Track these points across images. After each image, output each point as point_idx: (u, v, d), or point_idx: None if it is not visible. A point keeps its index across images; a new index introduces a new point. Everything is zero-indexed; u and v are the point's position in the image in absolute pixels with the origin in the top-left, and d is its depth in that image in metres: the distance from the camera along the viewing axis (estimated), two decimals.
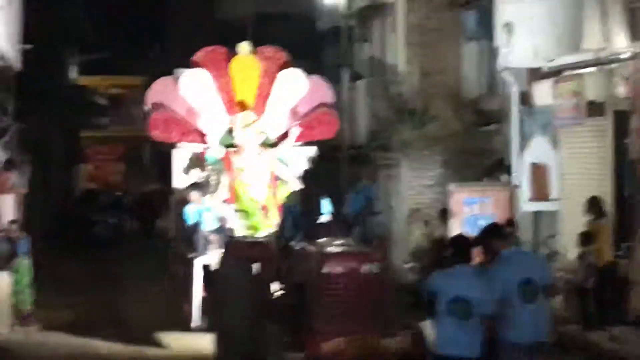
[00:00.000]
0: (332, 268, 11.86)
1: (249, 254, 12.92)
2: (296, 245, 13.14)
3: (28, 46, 19.71)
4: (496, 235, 9.09)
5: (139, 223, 36.01)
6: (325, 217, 16.78)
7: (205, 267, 15.04)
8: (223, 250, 13.79)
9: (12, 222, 16.94)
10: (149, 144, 40.16)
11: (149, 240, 31.32)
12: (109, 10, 41.96)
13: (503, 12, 17.37)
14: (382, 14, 25.49)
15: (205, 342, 13.43)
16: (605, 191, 16.10)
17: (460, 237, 9.23)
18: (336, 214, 17.60)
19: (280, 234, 13.46)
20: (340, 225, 14.01)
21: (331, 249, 12.33)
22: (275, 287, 12.95)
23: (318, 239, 13.12)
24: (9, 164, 19.19)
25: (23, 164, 21.44)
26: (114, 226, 33.27)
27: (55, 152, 33.40)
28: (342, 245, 12.60)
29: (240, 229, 13.82)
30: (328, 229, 13.68)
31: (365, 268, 11.92)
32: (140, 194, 39.09)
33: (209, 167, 15.91)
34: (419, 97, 23.35)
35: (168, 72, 16.68)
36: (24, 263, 16.48)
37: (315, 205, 13.36)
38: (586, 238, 14.90)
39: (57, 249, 27.14)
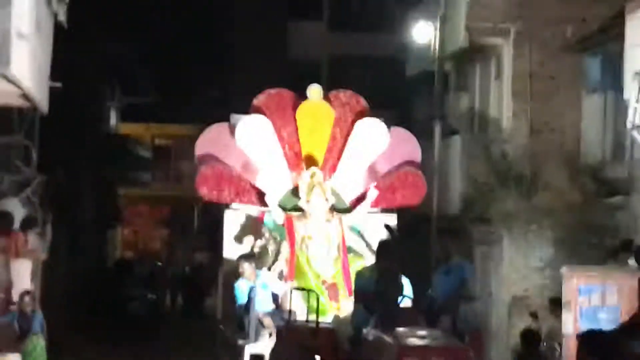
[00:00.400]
0: None
1: (309, 344, 12.18)
2: (368, 334, 11.78)
3: (57, 84, 19.37)
4: None
5: (183, 300, 35.59)
6: (406, 301, 15.97)
7: (255, 358, 14.05)
8: (277, 338, 13.20)
9: (26, 293, 16.55)
10: (199, 206, 39.96)
11: (194, 321, 30.87)
12: (157, 46, 41.83)
13: (633, 59, 16.70)
14: (485, 58, 25.03)
15: None
16: None
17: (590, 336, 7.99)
18: (420, 298, 16.78)
19: (351, 320, 12.61)
20: (424, 312, 12.80)
21: (411, 341, 11.13)
22: None
23: (396, 327, 11.81)
24: (28, 223, 18.87)
25: (45, 224, 21.19)
26: (152, 303, 32.89)
27: (87, 212, 33.22)
28: (425, 337, 11.35)
29: (301, 312, 13.18)
30: (409, 316, 12.31)
31: None
32: (186, 265, 38.77)
33: (267, 235, 15.47)
34: (527, 160, 22.76)
35: (225, 120, 16.33)
36: (38, 343, 16.10)
37: (394, 286, 12.38)
38: None
39: (82, 329, 26.78)
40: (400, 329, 11.32)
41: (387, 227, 12.30)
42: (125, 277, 33.90)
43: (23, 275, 17.55)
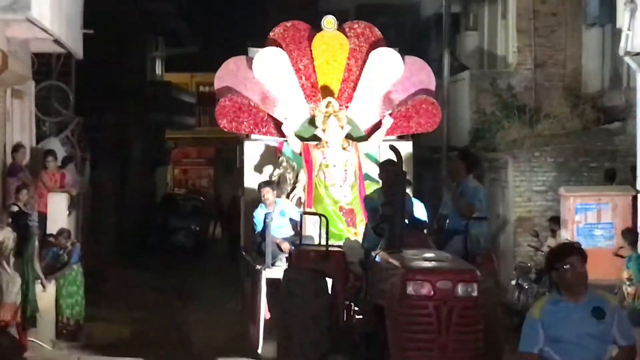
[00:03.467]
0: (419, 289, 9.38)
1: (318, 267, 11.28)
2: (377, 257, 10.59)
3: (89, 31, 18.88)
4: None
5: (222, 231, 35.21)
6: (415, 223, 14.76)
7: (271, 282, 13.20)
8: (288, 263, 12.43)
9: (63, 230, 16.16)
10: (242, 145, 39.03)
11: (235, 248, 30.39)
12: (201, 1, 41.19)
13: None
14: None
15: None
16: None
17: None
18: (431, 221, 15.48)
19: (361, 243, 11.83)
20: (435, 233, 11.61)
21: (417, 264, 9.81)
22: (354, 309, 11.21)
23: (403, 249, 10.49)
24: (66, 161, 18.47)
25: (84, 162, 20.85)
26: (196, 233, 32.49)
27: (135, 153, 32.88)
28: (432, 259, 10.00)
29: (318, 237, 12.04)
30: (419, 238, 10.97)
31: (462, 289, 9.41)
32: (226, 199, 38.34)
33: (285, 163, 14.87)
34: (531, 92, 22.40)
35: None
36: (78, 271, 15.76)
37: (401, 207, 11.16)
38: None
39: (130, 259, 26.49)
40: (408, 252, 10.17)
41: (391, 147, 11.62)
42: (172, 211, 33.46)
43: (60, 209, 17.09)
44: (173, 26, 38.68)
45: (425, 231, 11.49)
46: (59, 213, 17.01)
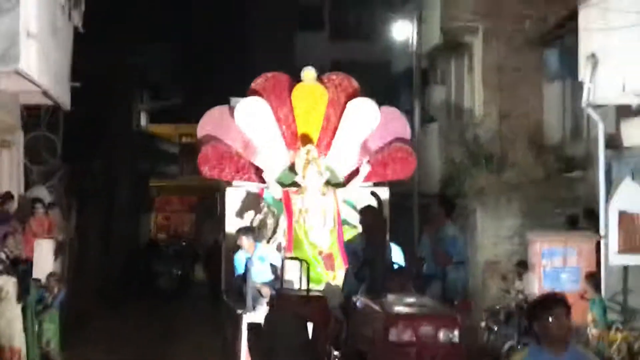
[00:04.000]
0: (401, 334, 8.77)
1: (300, 312, 10.76)
2: (358, 301, 10.15)
3: (76, 84, 18.53)
4: None
5: (205, 275, 34.57)
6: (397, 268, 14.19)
7: (252, 327, 12.49)
8: (269, 307, 11.89)
9: (52, 274, 15.69)
10: (221, 193, 38.73)
11: (216, 292, 29.75)
12: (180, 57, 40.89)
13: (588, 43, 15.67)
14: (458, 54, 24.16)
15: None
16: None
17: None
18: (410, 265, 15.06)
19: (342, 287, 11.32)
20: (414, 278, 11.00)
21: (401, 309, 9.26)
22: (334, 354, 10.59)
23: (385, 294, 10.01)
24: (53, 208, 17.99)
25: (70, 209, 20.38)
26: (178, 277, 31.91)
27: (120, 200, 32.41)
28: (413, 304, 9.47)
29: (298, 281, 11.71)
30: (398, 283, 10.42)
31: (444, 335, 8.84)
32: (210, 244, 37.74)
33: (266, 209, 14.41)
34: (497, 141, 22.01)
35: (225, 103, 15.24)
36: (54, 314, 15.20)
37: (381, 252, 10.65)
38: None
39: (113, 302, 25.88)
40: (389, 297, 9.66)
41: (372, 193, 11.18)
42: (155, 256, 32.89)
43: (47, 255, 16.58)
44: (157, 80, 38.40)
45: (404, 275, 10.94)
46: (45, 258, 16.47)
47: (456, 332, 8.84)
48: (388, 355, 8.87)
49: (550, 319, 6.06)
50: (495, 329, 16.63)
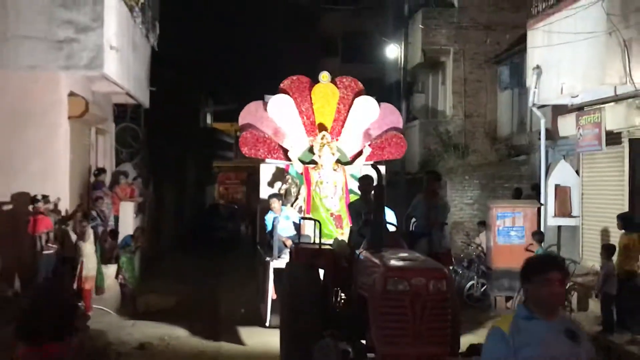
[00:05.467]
0: (397, 285, 7.54)
1: (314, 261, 9.54)
2: (361, 254, 8.83)
3: (153, 88, 17.55)
4: None
5: (250, 230, 33.53)
6: (391, 228, 12.69)
7: (277, 271, 11.60)
8: (289, 257, 10.69)
9: (138, 228, 14.77)
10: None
11: (254, 243, 28.63)
12: (238, 74, 39.84)
13: (533, 57, 14.57)
14: (435, 70, 23.39)
15: (276, 338, 10.21)
16: (621, 209, 13.07)
17: None
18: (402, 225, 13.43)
19: (347, 242, 10.10)
20: (406, 235, 9.58)
21: (396, 263, 7.95)
22: (341, 295, 9.36)
23: (383, 249, 8.63)
24: (135, 180, 17.01)
25: (149, 181, 19.40)
26: (231, 231, 30.78)
27: (190, 175, 31.46)
28: (407, 259, 8.14)
29: (314, 236, 10.48)
30: (393, 240, 9.01)
31: (434, 285, 7.58)
32: (254, 207, 36.66)
33: (290, 180, 13.26)
34: (462, 134, 21.48)
35: (260, 99, 13.95)
36: (132, 257, 14.13)
37: (380, 214, 9.23)
38: (610, 250, 11.79)
39: (183, 248, 24.89)
40: (387, 251, 8.32)
41: (374, 167, 9.98)
42: (215, 215, 31.75)
43: (129, 213, 15.61)
44: (218, 89, 37.46)
45: (398, 234, 9.62)
46: (127, 216, 15.59)
47: (444, 283, 7.58)
48: (386, 302, 7.58)
49: (544, 282, 4.14)
50: (460, 272, 15.51)
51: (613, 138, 13.30)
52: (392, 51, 24.14)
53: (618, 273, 11.43)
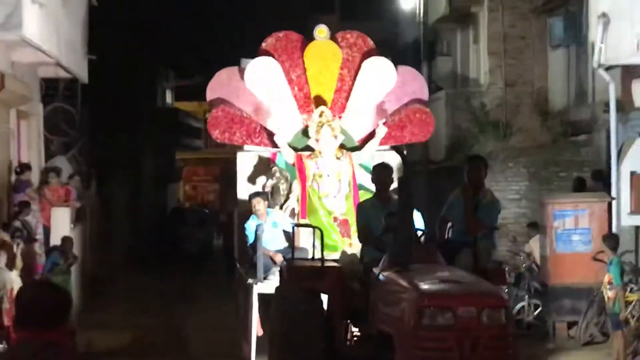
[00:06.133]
0: (437, 317, 6.78)
1: (314, 284, 8.86)
2: (380, 274, 7.97)
3: (93, 57, 17.08)
4: None
5: (222, 241, 33.01)
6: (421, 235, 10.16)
7: (263, 297, 10.84)
8: (280, 278, 10.03)
9: (65, 240, 14.19)
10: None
11: (230, 260, 28.03)
12: (204, 38, 39.33)
13: (598, 2, 14.02)
14: (464, 25, 22.92)
15: None
16: None
17: None
18: (434, 232, 10.81)
19: (359, 257, 9.34)
20: (441, 246, 8.65)
21: (435, 286, 7.08)
22: (353, 331, 8.71)
23: (410, 264, 7.71)
24: (71, 178, 16.55)
25: (90, 178, 18.94)
26: (201, 242, 30.35)
27: (147, 170, 31.02)
28: (450, 279, 7.27)
29: (312, 249, 9.90)
30: (427, 251, 8.27)
31: (489, 316, 6.81)
32: (228, 211, 36.16)
33: (278, 174, 12.59)
34: (502, 108, 20.89)
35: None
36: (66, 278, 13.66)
37: (408, 219, 8.03)
38: None
39: (139, 264, 24.45)
40: (417, 269, 7.54)
41: (397, 150, 9.29)
42: (180, 222, 31.28)
43: (63, 222, 15.11)
44: (181, 59, 37.01)
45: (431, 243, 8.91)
46: (61, 225, 15.06)
47: (503, 313, 6.82)
48: (420, 341, 6.79)
49: None
50: (505, 289, 15.02)
51: None
52: (407, 0, 23.66)
53: None
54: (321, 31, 12.65)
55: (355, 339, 8.43)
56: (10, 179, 14.93)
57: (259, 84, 12.49)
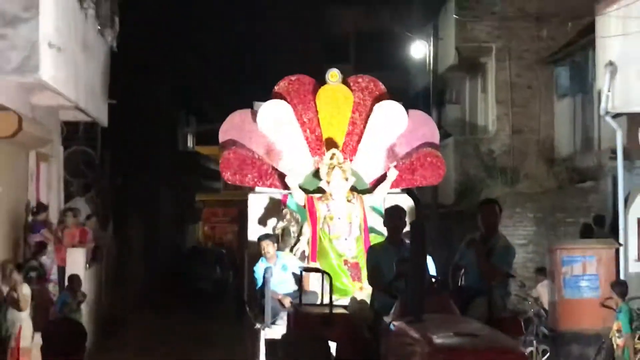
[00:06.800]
0: None
1: (321, 331, 8.14)
2: (391, 323, 7.30)
3: (112, 101, 16.61)
4: None
5: (235, 283, 32.34)
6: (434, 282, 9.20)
7: (270, 343, 9.81)
8: (287, 324, 9.29)
9: (72, 279, 13.67)
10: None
11: (240, 303, 27.20)
12: (222, 85, 38.98)
13: (604, 50, 13.56)
14: (473, 74, 22.54)
15: None
16: None
17: None
18: (447, 279, 9.88)
19: (370, 304, 8.69)
20: (455, 295, 7.94)
21: (448, 340, 6.39)
22: None
23: (423, 314, 7.00)
24: (88, 219, 16.06)
25: (108, 220, 18.39)
26: (218, 281, 29.61)
27: (165, 211, 30.48)
28: (465, 332, 6.55)
29: (322, 293, 9.23)
30: (440, 300, 7.52)
31: None
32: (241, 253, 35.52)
33: (289, 216, 11.92)
34: (509, 155, 20.57)
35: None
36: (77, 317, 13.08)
37: (421, 266, 7.25)
38: None
39: (155, 304, 23.65)
40: (430, 319, 6.86)
41: (410, 193, 8.66)
42: (198, 261, 30.56)
43: (78, 263, 14.58)
44: (202, 105, 36.66)
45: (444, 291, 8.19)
46: (76, 266, 14.47)
47: None
48: None
49: None
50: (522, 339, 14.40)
51: None
52: (418, 51, 23.31)
53: None
54: (333, 75, 12.07)
55: None
56: (27, 219, 14.42)
57: (271, 126, 11.91)
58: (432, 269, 9.52)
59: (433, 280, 8.01)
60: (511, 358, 6.24)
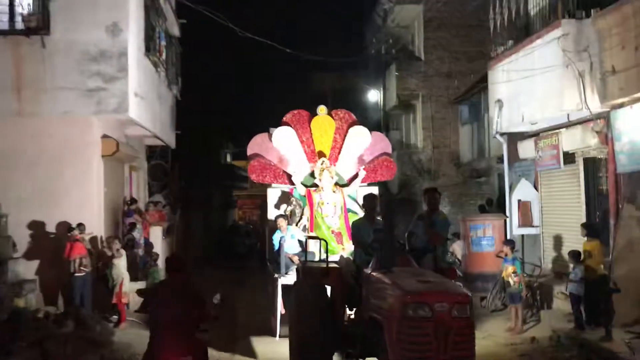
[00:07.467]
0: (418, 311, 5.56)
1: (321, 280, 7.65)
2: (370, 274, 6.67)
3: (178, 132, 15.90)
4: None
5: (262, 246, 31.62)
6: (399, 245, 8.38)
7: (285, 287, 9.76)
8: (296, 276, 8.82)
9: (148, 246, 13.04)
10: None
11: (263, 261, 26.58)
12: (252, 119, 38.25)
13: (494, 92, 12.95)
14: (407, 111, 21.95)
15: (285, 349, 8.35)
16: (576, 220, 11.40)
17: None
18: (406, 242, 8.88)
19: (352, 260, 8.02)
20: (412, 252, 7.24)
21: (414, 286, 5.84)
22: (348, 313, 7.44)
23: (393, 267, 6.49)
24: (164, 207, 15.35)
25: (177, 207, 17.64)
26: (247, 246, 28.87)
27: (216, 202, 29.74)
28: (426, 281, 6.02)
29: (319, 253, 8.78)
30: (403, 258, 6.89)
31: (458, 310, 5.59)
32: (263, 228, 34.75)
33: (294, 202, 11.43)
34: (431, 162, 19.97)
35: (266, 131, 12.11)
36: (158, 271, 12.39)
37: (391, 234, 7.27)
38: (577, 256, 10.06)
39: (208, 261, 22.93)
40: (398, 271, 6.23)
41: (385, 188, 8.25)
42: (235, 233, 29.85)
43: (157, 236, 13.91)
44: (236, 134, 35.88)
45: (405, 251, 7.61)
46: (156, 239, 13.81)
47: (468, 307, 5.61)
48: (406, 329, 5.50)
49: None
50: None
51: (567, 158, 11.76)
52: (373, 96, 22.79)
53: (585, 276, 9.72)
54: (322, 109, 11.62)
55: (350, 319, 7.17)
56: (124, 208, 13.74)
57: (281, 143, 11.42)
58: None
59: (399, 243, 7.45)
60: (460, 298, 5.69)
